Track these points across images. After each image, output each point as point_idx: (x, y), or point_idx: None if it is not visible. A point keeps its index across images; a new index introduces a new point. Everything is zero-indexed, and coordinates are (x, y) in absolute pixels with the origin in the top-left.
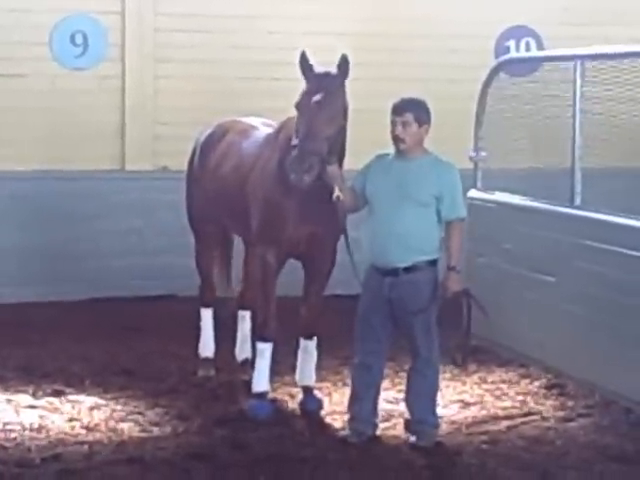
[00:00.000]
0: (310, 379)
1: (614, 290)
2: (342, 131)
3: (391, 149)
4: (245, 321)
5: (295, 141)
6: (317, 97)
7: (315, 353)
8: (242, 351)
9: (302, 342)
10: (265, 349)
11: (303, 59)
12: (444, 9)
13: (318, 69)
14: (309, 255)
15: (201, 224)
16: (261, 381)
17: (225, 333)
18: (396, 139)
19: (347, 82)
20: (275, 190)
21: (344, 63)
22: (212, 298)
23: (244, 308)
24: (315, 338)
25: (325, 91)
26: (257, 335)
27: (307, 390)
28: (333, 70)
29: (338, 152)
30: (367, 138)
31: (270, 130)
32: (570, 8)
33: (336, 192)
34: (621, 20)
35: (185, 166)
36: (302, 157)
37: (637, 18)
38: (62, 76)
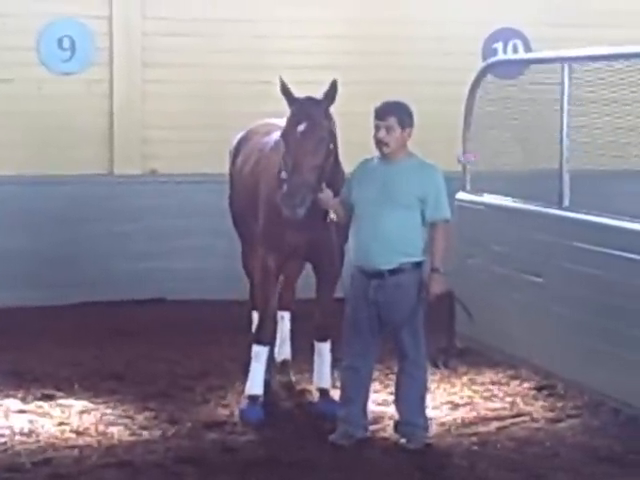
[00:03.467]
0: (326, 382)
1: (603, 291)
2: (331, 155)
3: (376, 152)
4: (284, 322)
5: (284, 174)
6: (301, 127)
7: (329, 355)
8: (281, 352)
9: (316, 345)
10: (260, 352)
11: (283, 87)
12: (431, 11)
13: (300, 96)
14: (313, 259)
15: (240, 226)
16: (255, 385)
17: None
18: (380, 143)
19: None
20: (276, 195)
21: (332, 89)
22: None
23: (283, 309)
24: (329, 341)
25: (309, 120)
26: (253, 338)
27: (323, 392)
28: (317, 96)
29: (328, 176)
30: (355, 141)
31: None
32: (557, 10)
33: (330, 215)
34: (608, 22)
35: (173, 170)
36: (292, 192)
37: (624, 20)
38: (50, 80)
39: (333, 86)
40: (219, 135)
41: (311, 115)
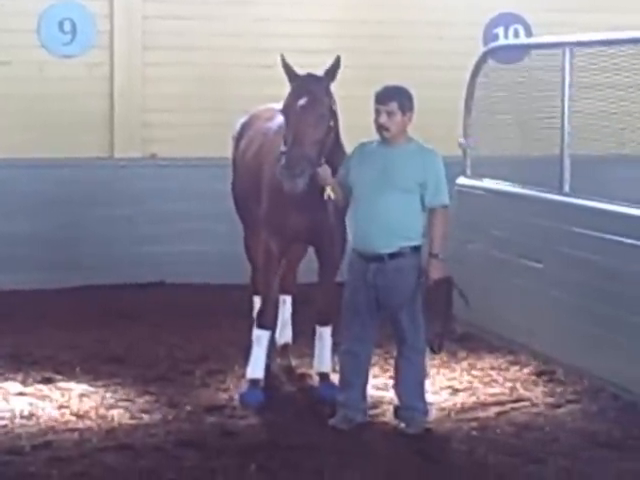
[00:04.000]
0: (326, 366)
1: (602, 277)
2: (331, 132)
3: (376, 136)
4: (286, 306)
5: (283, 148)
6: (302, 102)
7: (330, 340)
8: (282, 335)
9: (317, 329)
10: (262, 336)
11: (284, 63)
12: None
13: (301, 72)
14: (315, 242)
15: (243, 210)
16: (256, 369)
17: None
18: (380, 128)
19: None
20: (278, 179)
21: (335, 66)
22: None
23: (285, 292)
24: (330, 325)
25: (309, 95)
26: (255, 322)
27: (323, 377)
28: (318, 72)
29: (328, 153)
30: (357, 125)
31: None
32: None
33: (327, 192)
34: (610, 7)
35: (173, 153)
36: (291, 164)
37: (625, 5)
38: (50, 63)
39: (336, 62)
40: (220, 118)
41: (312, 90)
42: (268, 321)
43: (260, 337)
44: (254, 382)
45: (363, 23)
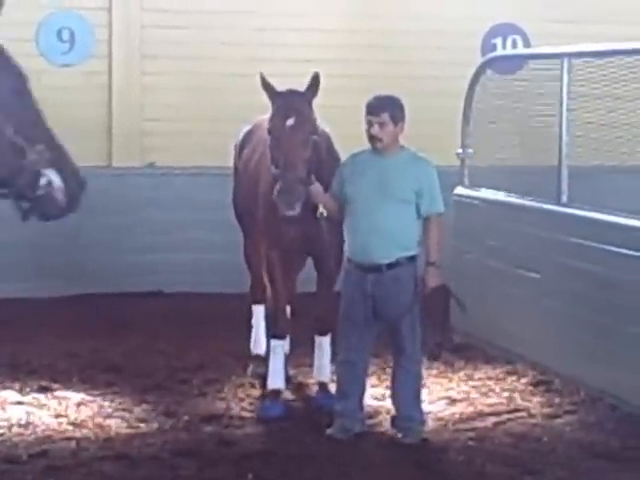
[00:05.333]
0: (325, 375)
1: (600, 287)
2: (316, 147)
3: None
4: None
5: (275, 170)
6: (290, 122)
7: (329, 349)
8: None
9: (316, 339)
10: (277, 346)
11: (264, 82)
12: (431, 6)
13: (282, 89)
14: (312, 252)
15: (243, 219)
16: (276, 379)
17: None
18: (373, 139)
19: (333, 80)
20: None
21: (315, 82)
22: (263, 294)
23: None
24: (329, 335)
25: (296, 114)
26: (270, 333)
27: (322, 386)
28: (299, 89)
29: (316, 167)
30: (354, 135)
31: None
32: (556, 6)
33: (320, 209)
34: (607, 18)
35: (172, 162)
36: (289, 189)
37: (623, 16)
38: (49, 72)
39: (316, 79)
40: (218, 128)
41: (298, 109)
42: (283, 330)
43: (276, 347)
44: (275, 393)
45: (361, 33)
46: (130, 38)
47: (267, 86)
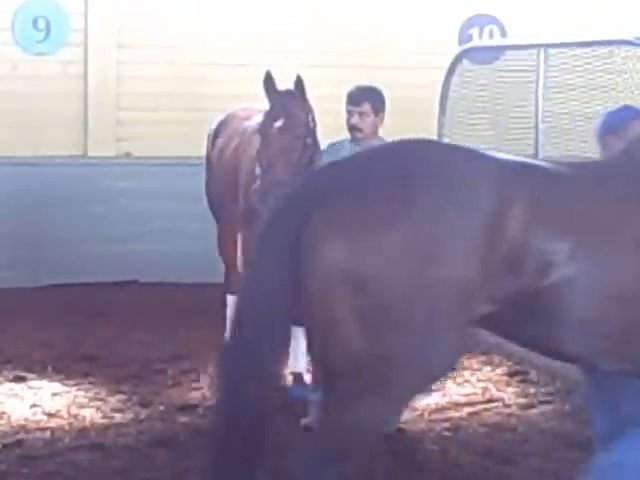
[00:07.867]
0: (300, 366)
1: None
2: (309, 150)
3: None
4: None
5: (258, 170)
6: (278, 123)
7: (304, 340)
8: None
9: (292, 329)
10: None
11: (266, 79)
12: None
13: (280, 89)
14: None
15: (217, 208)
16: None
17: None
18: (353, 129)
19: (308, 71)
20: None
21: (299, 84)
22: (238, 284)
23: None
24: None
25: (287, 116)
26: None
27: (297, 377)
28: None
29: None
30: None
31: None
32: None
33: None
34: (583, 9)
35: (148, 152)
36: (265, 190)
37: (599, 7)
38: (24, 61)
39: (299, 81)
40: (194, 118)
41: (290, 111)
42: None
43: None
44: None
45: (339, 22)
46: (106, 27)
47: (268, 83)
